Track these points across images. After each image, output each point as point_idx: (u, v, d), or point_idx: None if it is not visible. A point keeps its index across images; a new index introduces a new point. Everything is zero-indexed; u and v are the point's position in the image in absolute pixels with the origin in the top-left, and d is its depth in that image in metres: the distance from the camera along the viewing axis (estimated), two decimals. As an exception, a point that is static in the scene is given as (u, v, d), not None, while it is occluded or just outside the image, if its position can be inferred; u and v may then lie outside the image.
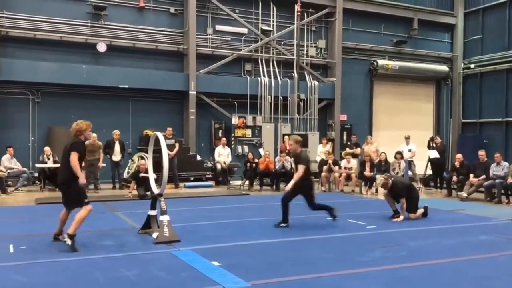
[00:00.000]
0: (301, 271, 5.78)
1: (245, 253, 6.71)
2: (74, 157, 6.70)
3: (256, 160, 15.58)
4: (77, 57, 16.57)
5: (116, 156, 14.77)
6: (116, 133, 14.98)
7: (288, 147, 16.43)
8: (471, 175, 13.52)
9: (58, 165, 14.18)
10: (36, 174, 15.19)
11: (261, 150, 17.05)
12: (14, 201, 12.32)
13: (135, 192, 12.54)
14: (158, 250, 6.74)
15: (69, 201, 6.98)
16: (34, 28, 16.00)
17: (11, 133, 15.63)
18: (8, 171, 13.82)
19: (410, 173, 16.00)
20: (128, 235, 7.62)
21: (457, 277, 5.74)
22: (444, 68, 22.85)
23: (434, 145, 16.16)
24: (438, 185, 15.58)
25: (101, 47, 16.58)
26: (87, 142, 13.75)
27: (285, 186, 15.58)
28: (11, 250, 6.69)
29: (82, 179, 6.81)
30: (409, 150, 15.95)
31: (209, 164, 17.18)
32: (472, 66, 22.58)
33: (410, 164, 15.86)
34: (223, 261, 6.05)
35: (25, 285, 5.21)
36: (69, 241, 6.57)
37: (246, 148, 18.75)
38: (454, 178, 14.05)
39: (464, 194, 13.30)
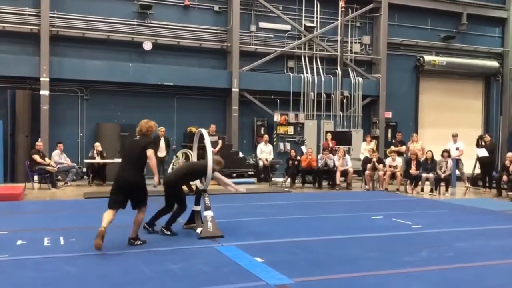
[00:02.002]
0: (345, 270, 5.73)
1: (288, 250, 6.70)
2: (152, 155, 6.71)
3: (298, 157, 15.52)
4: (124, 55, 16.97)
5: (161, 152, 15.02)
6: (162, 129, 15.25)
7: (331, 145, 16.37)
8: (523, 175, 13.03)
9: (106, 161, 14.77)
10: (85, 169, 15.69)
11: (303, 148, 16.97)
12: (64, 195, 12.74)
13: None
14: (202, 245, 6.82)
15: (137, 201, 6.78)
16: (83, 27, 16.49)
17: (61, 129, 16.18)
18: (58, 166, 14.30)
19: (457, 172, 15.60)
20: (173, 230, 7.74)
21: (506, 280, 5.54)
22: (494, 63, 22.08)
23: (483, 143, 15.63)
24: (487, 184, 15.10)
25: (147, 46, 16.92)
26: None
27: (328, 184, 15.61)
28: (62, 242, 6.93)
29: (157, 178, 6.88)
30: (457, 149, 15.53)
31: (251, 161, 17.27)
32: (525, 61, 21.75)
33: (457, 163, 15.44)
34: (266, 257, 6.06)
35: (75, 276, 5.38)
36: (138, 242, 6.70)
37: (288, 145, 18.72)
38: (505, 178, 13.58)
39: (515, 194, 12.85)
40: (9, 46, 15.74)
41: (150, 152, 6.71)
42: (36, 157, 13.66)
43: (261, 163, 16.39)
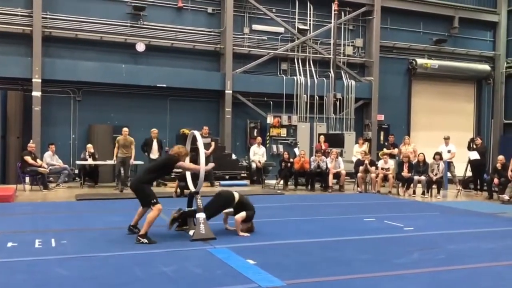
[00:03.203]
0: (337, 272, 5.74)
1: (280, 252, 6.70)
2: (184, 164, 7.58)
3: (291, 160, 15.54)
4: (117, 56, 16.92)
5: (154, 154, 14.97)
6: (154, 131, 15.20)
7: (323, 147, 16.40)
8: (514, 177, 13.12)
9: (98, 163, 14.73)
10: (77, 171, 15.61)
11: (296, 150, 16.99)
12: (55, 197, 12.67)
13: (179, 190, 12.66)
14: (194, 247, 6.81)
15: (141, 202, 7.41)
16: (75, 28, 16.42)
17: (53, 131, 16.10)
18: (50, 167, 14.22)
19: (449, 174, 15.67)
20: (165, 232, 7.73)
21: (497, 282, 5.58)
22: (485, 67, 22.24)
23: (475, 146, 15.74)
24: (478, 187, 15.19)
25: (140, 47, 16.88)
26: (120, 137, 14.15)
27: (320, 186, 15.63)
28: (53, 244, 6.88)
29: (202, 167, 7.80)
30: (449, 151, 15.59)
31: (244, 163, 17.25)
32: (515, 65, 21.93)
33: (449, 166, 15.50)
34: (259, 260, 6.06)
35: (67, 278, 5.34)
36: (144, 240, 6.89)
37: (281, 147, 18.75)
38: (496, 180, 13.68)
39: (506, 197, 12.93)
40: (1, 46, 15.64)
41: (180, 163, 7.51)
42: (28, 159, 13.58)
43: (254, 165, 16.38)
